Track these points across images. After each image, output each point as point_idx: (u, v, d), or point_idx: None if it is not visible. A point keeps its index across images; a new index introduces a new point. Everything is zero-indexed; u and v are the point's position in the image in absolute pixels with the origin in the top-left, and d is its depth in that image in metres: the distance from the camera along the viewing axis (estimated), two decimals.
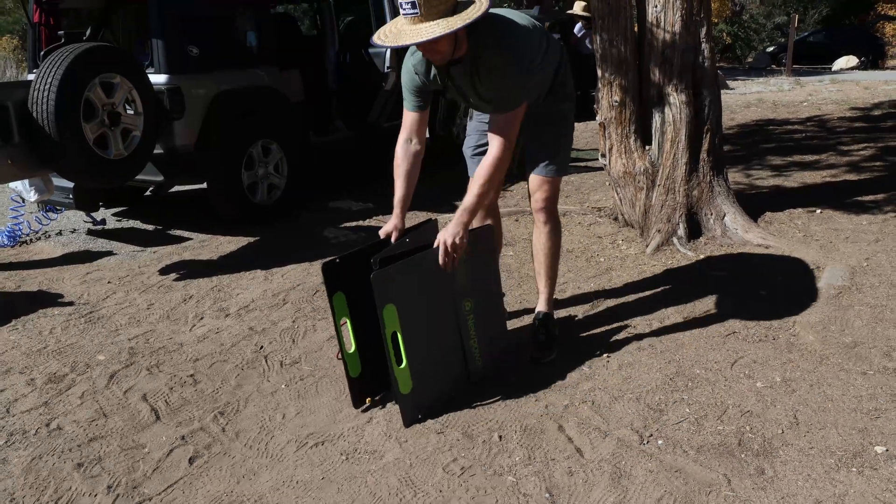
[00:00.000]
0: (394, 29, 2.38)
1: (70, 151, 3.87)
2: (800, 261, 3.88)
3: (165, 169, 4.74)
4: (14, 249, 4.80)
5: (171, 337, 3.33)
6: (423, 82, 2.64)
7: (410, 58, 2.63)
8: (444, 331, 2.64)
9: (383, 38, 2.37)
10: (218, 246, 4.74)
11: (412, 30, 2.31)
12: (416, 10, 2.28)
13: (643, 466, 2.23)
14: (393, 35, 2.36)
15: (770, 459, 2.24)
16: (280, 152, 5.31)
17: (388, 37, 2.36)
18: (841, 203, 4.92)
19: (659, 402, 2.58)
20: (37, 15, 5.25)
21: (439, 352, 2.61)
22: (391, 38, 2.35)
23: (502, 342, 2.92)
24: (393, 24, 2.40)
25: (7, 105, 3.81)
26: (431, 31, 2.27)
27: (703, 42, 4.22)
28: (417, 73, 2.63)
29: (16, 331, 3.45)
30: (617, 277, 3.81)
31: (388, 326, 2.40)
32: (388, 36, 2.36)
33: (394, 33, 2.36)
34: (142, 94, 4.22)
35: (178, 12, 4.71)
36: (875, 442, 2.30)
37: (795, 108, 10.61)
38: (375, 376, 2.64)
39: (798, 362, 2.83)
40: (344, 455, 2.35)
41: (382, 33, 2.39)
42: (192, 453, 2.39)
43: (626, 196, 4.48)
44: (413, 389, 2.49)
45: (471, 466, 2.26)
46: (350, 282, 2.57)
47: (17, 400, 2.78)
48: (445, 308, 2.64)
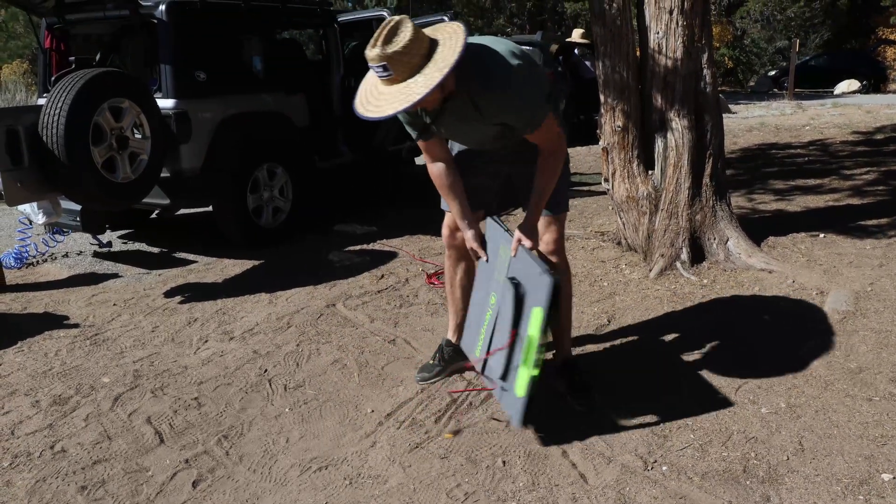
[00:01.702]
0: (374, 92, 2.25)
1: (79, 175, 3.91)
2: (803, 286, 3.88)
3: (172, 192, 4.78)
4: (21, 271, 4.82)
5: (176, 360, 3.34)
6: (418, 119, 2.57)
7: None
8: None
9: (366, 106, 2.24)
10: (223, 269, 4.76)
11: (392, 92, 2.19)
12: (389, 73, 2.17)
13: (647, 493, 2.22)
14: (374, 101, 2.23)
15: (776, 486, 2.23)
16: (285, 176, 5.35)
17: (369, 103, 2.24)
18: (844, 227, 4.92)
19: (663, 427, 2.58)
20: (48, 40, 5.32)
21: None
22: (373, 107, 2.23)
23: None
24: (371, 87, 2.27)
25: (18, 129, 3.86)
26: (412, 92, 2.15)
27: (705, 67, 4.26)
28: (408, 113, 2.49)
29: (21, 352, 3.46)
30: (620, 302, 3.82)
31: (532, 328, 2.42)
32: (370, 103, 2.24)
33: (374, 97, 2.24)
34: (150, 118, 4.27)
35: (185, 38, 4.77)
36: (882, 469, 2.29)
37: (797, 132, 10.65)
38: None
39: (803, 388, 2.82)
40: (347, 480, 2.35)
41: (363, 100, 2.26)
42: (196, 477, 2.39)
43: (629, 220, 4.50)
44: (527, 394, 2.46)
45: (474, 492, 2.26)
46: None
47: (21, 422, 2.78)
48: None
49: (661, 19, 4.18)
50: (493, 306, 2.64)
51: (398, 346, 3.41)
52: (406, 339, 3.49)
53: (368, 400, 2.89)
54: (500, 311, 2.59)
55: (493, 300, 2.65)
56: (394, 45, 2.14)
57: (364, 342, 3.47)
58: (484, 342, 2.68)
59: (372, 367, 3.19)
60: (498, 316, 2.61)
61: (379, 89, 2.23)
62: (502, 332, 2.56)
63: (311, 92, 5.78)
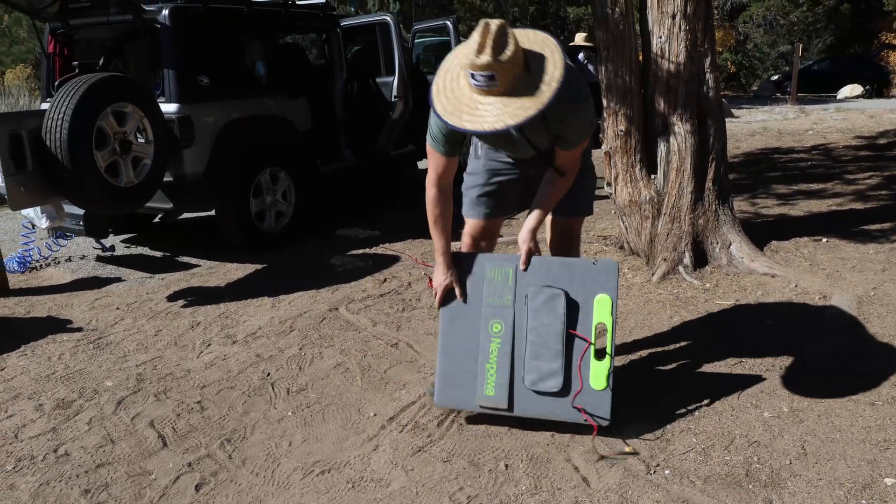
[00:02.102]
0: (467, 101, 2.11)
1: (82, 179, 3.93)
2: (806, 290, 3.88)
3: (175, 196, 4.79)
4: (24, 275, 4.83)
5: (179, 363, 3.35)
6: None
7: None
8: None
9: (462, 118, 2.11)
10: (226, 273, 4.77)
11: (493, 103, 2.08)
12: (493, 83, 2.06)
13: (650, 496, 2.22)
14: (471, 112, 2.10)
15: (778, 491, 2.22)
16: (288, 180, 5.37)
17: (464, 114, 2.10)
18: (847, 232, 4.92)
19: (665, 431, 2.57)
20: (51, 45, 5.35)
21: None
22: (472, 118, 2.10)
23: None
24: (461, 95, 2.13)
25: (21, 133, 3.87)
26: (524, 106, 2.06)
27: (708, 72, 4.26)
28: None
29: (25, 356, 3.47)
30: (623, 306, 3.82)
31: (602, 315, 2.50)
32: (465, 113, 2.10)
33: (468, 107, 2.11)
34: (153, 122, 4.28)
35: (188, 42, 4.79)
36: (885, 474, 2.29)
37: (800, 137, 10.65)
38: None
39: (805, 392, 2.82)
40: (350, 483, 2.35)
41: (454, 110, 2.13)
42: (199, 480, 2.40)
43: (631, 224, 4.50)
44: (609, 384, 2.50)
45: (477, 495, 2.26)
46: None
47: (25, 425, 2.79)
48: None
49: (663, 24, 4.18)
50: (500, 333, 2.58)
51: (401, 349, 3.42)
52: (409, 342, 3.49)
53: (371, 403, 2.89)
54: (531, 327, 2.54)
55: (499, 327, 2.59)
56: (505, 54, 2.06)
57: (367, 346, 3.47)
58: (500, 375, 2.56)
59: (374, 371, 3.19)
60: (529, 333, 2.54)
61: (475, 98, 2.12)
62: (543, 344, 2.52)
63: (314, 96, 5.80)
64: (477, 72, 2.06)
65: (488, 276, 2.63)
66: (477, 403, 2.58)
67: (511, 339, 2.58)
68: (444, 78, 2.23)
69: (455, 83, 2.18)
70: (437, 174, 2.55)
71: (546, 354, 2.53)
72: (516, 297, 2.59)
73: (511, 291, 2.60)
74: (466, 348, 2.61)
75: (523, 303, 2.58)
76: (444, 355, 2.64)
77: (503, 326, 2.59)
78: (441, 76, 2.24)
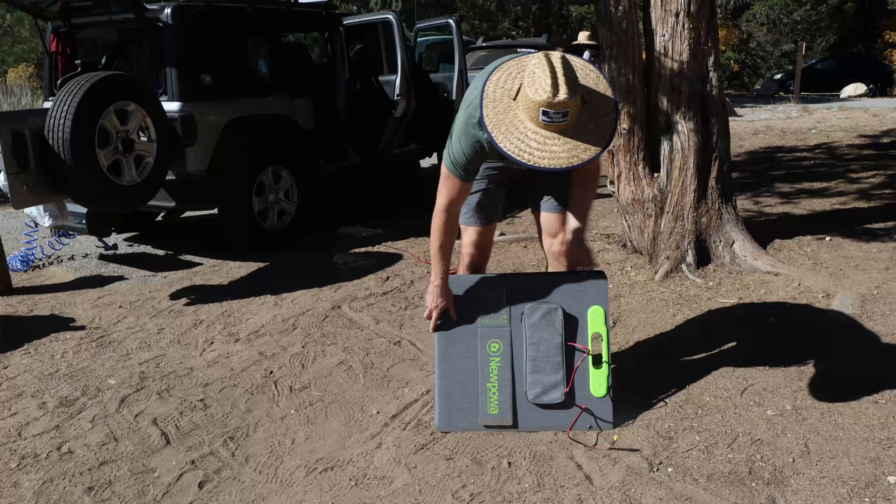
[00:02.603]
0: (533, 136, 2.10)
1: (85, 178, 3.93)
2: (809, 289, 3.87)
3: (177, 195, 4.80)
4: (27, 274, 4.84)
5: (182, 361, 3.35)
6: (498, 164, 2.53)
7: (479, 132, 2.32)
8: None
9: (534, 154, 2.10)
10: (228, 271, 4.78)
11: (565, 141, 2.09)
12: (565, 119, 2.06)
13: (653, 494, 2.21)
14: (540, 148, 2.09)
15: (781, 489, 2.22)
16: (290, 179, 5.37)
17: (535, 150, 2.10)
18: (850, 230, 4.91)
19: (668, 429, 2.57)
20: (54, 44, 5.35)
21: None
22: (540, 154, 2.10)
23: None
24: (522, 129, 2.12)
25: (24, 132, 3.88)
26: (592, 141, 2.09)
27: (711, 70, 4.25)
28: (492, 158, 2.42)
29: (28, 355, 3.48)
30: (626, 304, 3.81)
31: (597, 326, 2.57)
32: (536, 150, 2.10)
33: (537, 143, 2.10)
34: (155, 121, 4.28)
35: (190, 41, 4.79)
36: (888, 472, 2.29)
37: (804, 136, 10.63)
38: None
39: (808, 390, 2.81)
40: (353, 481, 2.35)
41: (525, 148, 2.11)
42: (202, 478, 2.40)
43: (634, 223, 4.50)
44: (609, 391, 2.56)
45: (480, 493, 2.26)
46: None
47: (28, 423, 2.79)
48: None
49: (667, 22, 4.18)
50: (499, 351, 2.63)
51: (403, 347, 3.42)
52: (411, 340, 3.49)
53: (374, 401, 2.89)
54: (531, 343, 2.60)
55: (497, 347, 2.63)
56: (578, 91, 2.07)
57: (369, 344, 3.47)
58: (503, 393, 2.59)
59: (377, 369, 3.19)
60: (528, 349, 2.60)
61: (542, 134, 2.11)
62: (543, 359, 2.58)
63: (317, 95, 5.80)
64: (552, 110, 2.05)
65: (482, 297, 2.68)
66: (481, 424, 2.60)
67: (510, 356, 2.63)
68: (495, 112, 2.18)
69: (512, 118, 2.15)
70: (451, 200, 2.50)
71: (547, 368, 2.59)
72: (512, 316, 2.65)
73: (507, 311, 2.66)
74: (465, 370, 2.64)
75: (520, 320, 2.64)
76: (442, 379, 2.65)
77: (501, 345, 2.64)
78: (490, 111, 2.18)
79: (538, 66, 2.09)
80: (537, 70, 2.08)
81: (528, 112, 2.12)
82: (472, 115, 2.31)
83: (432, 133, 6.81)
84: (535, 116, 2.09)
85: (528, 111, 2.11)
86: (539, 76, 2.07)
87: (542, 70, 2.07)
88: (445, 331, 2.67)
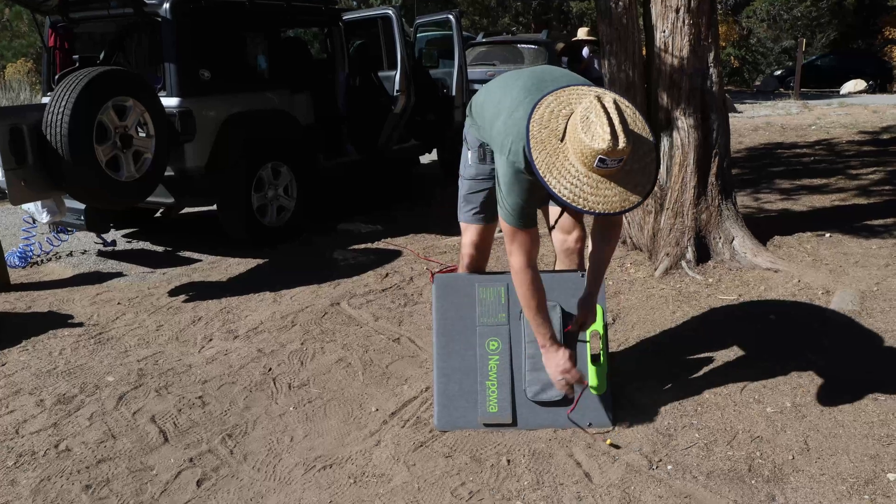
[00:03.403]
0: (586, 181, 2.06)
1: (82, 174, 3.91)
2: (809, 285, 3.87)
3: (176, 191, 4.78)
4: (25, 270, 4.83)
5: (180, 358, 3.34)
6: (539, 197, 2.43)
7: (530, 176, 2.22)
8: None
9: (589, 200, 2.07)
10: (227, 268, 4.77)
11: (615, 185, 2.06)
12: (619, 163, 2.04)
13: (652, 492, 2.21)
14: (594, 193, 2.06)
15: (781, 486, 2.22)
16: (290, 175, 5.35)
17: (590, 195, 2.07)
18: (850, 227, 4.91)
19: (668, 426, 2.57)
20: (52, 39, 5.33)
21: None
22: (594, 199, 2.06)
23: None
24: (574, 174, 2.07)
25: (21, 128, 3.86)
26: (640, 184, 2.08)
27: (711, 66, 4.24)
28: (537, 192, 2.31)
29: (26, 351, 3.47)
30: (625, 301, 3.81)
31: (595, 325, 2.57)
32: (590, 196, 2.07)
33: (591, 188, 2.06)
34: (154, 116, 4.26)
35: (189, 36, 4.77)
36: (887, 469, 2.28)
37: (804, 132, 10.62)
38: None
39: (808, 387, 2.81)
40: (352, 478, 2.35)
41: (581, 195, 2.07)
42: (200, 476, 2.39)
43: (634, 219, 4.49)
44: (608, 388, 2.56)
45: (479, 491, 2.25)
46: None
47: (26, 421, 2.79)
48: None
49: (667, 18, 4.16)
50: (497, 350, 2.63)
51: (402, 344, 3.41)
52: (410, 337, 3.48)
53: (373, 398, 2.88)
54: (529, 340, 2.59)
55: (496, 345, 2.64)
56: (632, 136, 2.05)
57: (368, 341, 3.46)
58: (502, 391, 2.60)
59: (376, 366, 3.18)
60: (527, 347, 2.61)
61: (594, 178, 2.07)
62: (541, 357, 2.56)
63: (316, 90, 5.79)
64: (610, 157, 2.02)
65: (480, 296, 2.68)
66: (480, 422, 2.59)
67: (509, 354, 2.64)
68: (545, 155, 2.11)
69: (563, 161, 2.10)
70: (528, 253, 2.37)
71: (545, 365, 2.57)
72: (510, 314, 2.66)
73: (505, 309, 2.66)
74: (464, 369, 2.64)
75: (518, 318, 2.64)
76: (441, 378, 2.65)
77: (500, 343, 2.64)
78: (539, 154, 2.11)
79: (592, 112, 2.03)
80: (591, 115, 2.02)
81: (580, 156, 2.06)
82: (516, 161, 2.22)
83: (432, 129, 6.80)
84: (590, 162, 2.04)
85: (580, 156, 2.05)
86: (595, 123, 2.01)
87: (597, 116, 2.01)
88: (444, 329, 2.67)
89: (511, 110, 2.30)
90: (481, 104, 2.56)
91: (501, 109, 2.36)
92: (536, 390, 2.58)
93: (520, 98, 2.31)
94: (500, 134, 2.31)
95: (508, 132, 2.26)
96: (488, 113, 2.48)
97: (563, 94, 2.20)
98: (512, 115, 2.29)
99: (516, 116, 2.27)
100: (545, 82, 2.35)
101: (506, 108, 2.34)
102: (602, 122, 2.00)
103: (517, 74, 2.50)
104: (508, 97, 2.37)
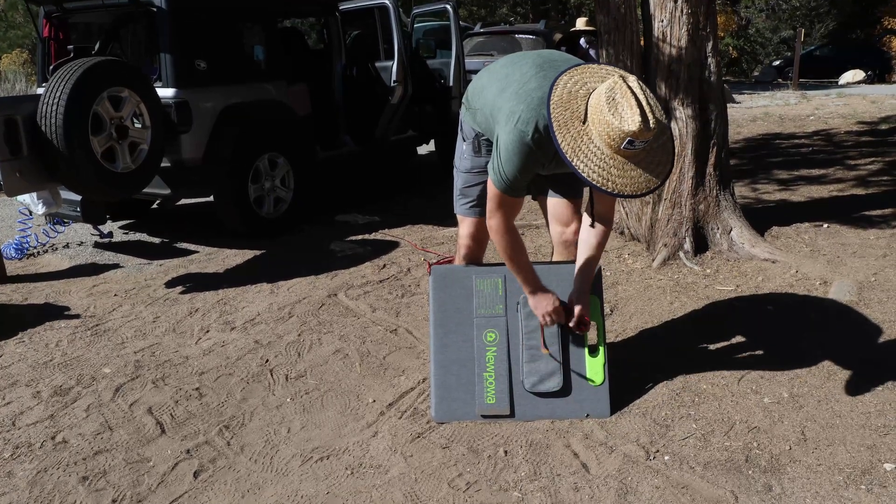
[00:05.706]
0: (613, 163, 2.04)
1: (78, 165, 3.89)
2: (807, 276, 3.86)
3: (173, 182, 4.76)
4: (21, 262, 4.82)
5: (177, 350, 3.34)
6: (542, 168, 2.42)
7: (537, 150, 2.21)
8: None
9: (616, 183, 2.04)
10: (224, 259, 4.75)
11: (639, 166, 2.04)
12: (645, 143, 2.01)
13: (650, 482, 2.21)
14: (621, 176, 2.04)
15: (778, 476, 2.22)
16: (287, 166, 5.33)
17: (618, 177, 2.04)
18: (848, 217, 4.90)
19: (665, 417, 2.57)
20: (46, 29, 5.30)
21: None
22: (621, 182, 2.04)
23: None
24: (600, 156, 2.05)
25: (16, 118, 3.84)
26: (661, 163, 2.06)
27: (710, 56, 4.22)
28: (543, 163, 2.31)
29: (22, 343, 3.46)
30: (623, 291, 3.80)
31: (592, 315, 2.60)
32: (617, 178, 2.04)
33: (617, 170, 2.04)
34: (150, 107, 4.24)
35: (185, 26, 4.74)
36: (884, 459, 2.28)
37: (802, 122, 10.60)
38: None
39: (805, 378, 2.81)
40: (349, 470, 2.35)
41: (608, 178, 2.04)
42: (197, 467, 2.39)
43: (632, 210, 4.48)
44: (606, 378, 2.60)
45: (476, 481, 2.25)
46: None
47: (22, 413, 2.78)
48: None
49: (665, 7, 4.14)
50: (495, 341, 2.63)
51: (400, 335, 3.41)
52: (408, 328, 3.48)
53: (370, 390, 2.88)
54: (527, 332, 2.60)
55: (493, 336, 2.63)
56: (661, 115, 2.03)
57: (366, 332, 3.46)
58: (500, 382, 2.59)
59: (373, 357, 3.18)
60: (525, 338, 2.61)
61: (619, 160, 2.04)
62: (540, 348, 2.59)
63: (313, 81, 5.76)
64: (639, 139, 1.99)
65: (477, 287, 2.68)
66: (478, 413, 2.59)
67: (507, 346, 2.63)
68: (571, 137, 2.07)
69: (587, 143, 2.06)
70: (507, 217, 2.40)
71: (543, 356, 2.59)
72: (507, 306, 2.65)
73: (502, 300, 2.66)
74: (461, 360, 2.63)
75: (515, 310, 2.64)
76: (438, 369, 2.64)
77: (497, 335, 2.64)
78: (563, 136, 2.07)
79: (618, 93, 2.00)
80: (617, 96, 1.99)
81: (605, 139, 2.03)
82: (524, 131, 2.18)
83: (429, 120, 6.78)
84: (616, 144, 2.01)
85: (606, 138, 2.02)
86: (623, 104, 1.98)
87: (623, 97, 1.98)
88: (441, 321, 2.67)
89: (522, 82, 2.27)
90: (481, 87, 2.51)
91: (511, 82, 2.33)
92: (534, 381, 2.58)
93: (531, 72, 2.29)
94: (510, 102, 2.25)
95: (520, 101, 2.22)
96: (491, 90, 2.42)
97: (575, 72, 2.18)
98: (524, 85, 2.26)
99: (529, 87, 2.24)
100: (556, 61, 2.34)
101: (516, 80, 2.31)
102: (630, 102, 1.98)
103: (523, 54, 2.48)
104: (518, 71, 2.34)
